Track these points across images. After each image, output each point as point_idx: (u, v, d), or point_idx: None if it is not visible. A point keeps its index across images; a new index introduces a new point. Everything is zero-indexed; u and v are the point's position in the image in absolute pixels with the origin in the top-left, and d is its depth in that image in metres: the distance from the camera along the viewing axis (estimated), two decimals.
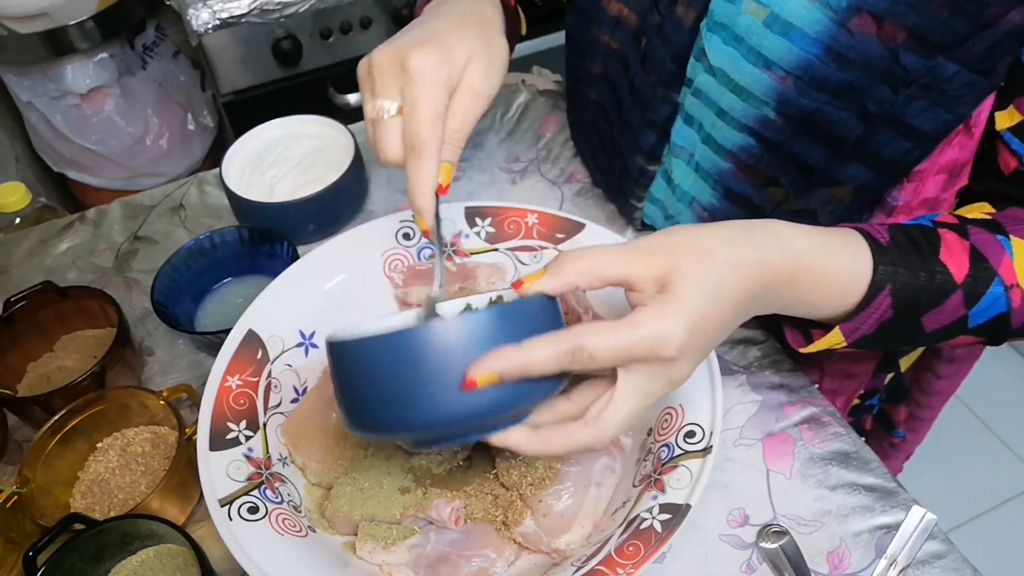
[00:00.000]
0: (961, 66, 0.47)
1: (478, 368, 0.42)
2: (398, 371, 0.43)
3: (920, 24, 0.47)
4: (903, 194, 0.55)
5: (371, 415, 0.45)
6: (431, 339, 0.43)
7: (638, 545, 0.48)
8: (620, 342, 0.42)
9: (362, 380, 0.45)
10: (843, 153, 0.54)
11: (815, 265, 0.47)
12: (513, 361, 0.42)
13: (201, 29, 1.20)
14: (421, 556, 0.53)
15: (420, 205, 0.53)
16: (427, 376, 0.43)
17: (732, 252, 0.45)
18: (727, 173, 0.62)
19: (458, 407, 0.43)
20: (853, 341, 0.51)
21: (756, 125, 0.57)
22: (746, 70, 0.55)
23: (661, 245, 0.44)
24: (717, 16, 0.56)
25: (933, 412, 0.81)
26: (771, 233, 0.47)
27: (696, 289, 0.43)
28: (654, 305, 0.43)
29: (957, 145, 0.52)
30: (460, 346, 0.43)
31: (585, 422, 0.45)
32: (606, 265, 0.44)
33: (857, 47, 0.49)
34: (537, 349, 0.43)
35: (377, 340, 0.44)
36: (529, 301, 0.45)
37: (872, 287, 0.48)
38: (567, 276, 0.45)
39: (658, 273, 0.43)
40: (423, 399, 0.43)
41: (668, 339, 0.42)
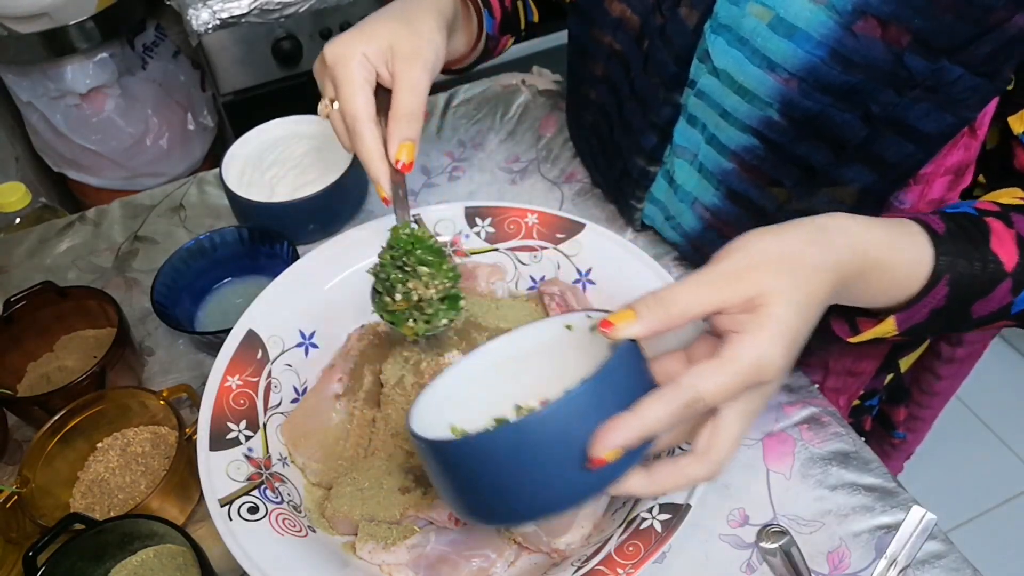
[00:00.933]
0: (965, 69, 0.47)
1: (602, 446, 0.40)
2: (516, 464, 0.41)
3: (925, 27, 0.47)
4: (909, 196, 0.55)
5: (491, 507, 0.43)
6: (544, 427, 0.40)
7: (638, 545, 0.48)
8: (730, 380, 0.41)
9: (477, 476, 0.42)
10: (847, 155, 0.54)
11: (882, 259, 0.46)
12: (634, 431, 0.40)
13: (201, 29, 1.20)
14: (421, 556, 0.53)
15: (372, 173, 0.57)
16: (547, 464, 0.41)
17: (813, 257, 0.43)
18: (731, 173, 0.62)
19: (585, 484, 0.41)
20: (904, 330, 0.51)
21: (760, 126, 0.57)
22: (750, 72, 0.55)
23: (745, 267, 0.42)
24: (721, 18, 0.56)
25: (933, 412, 0.81)
26: (843, 231, 0.45)
27: (788, 306, 0.41)
28: (750, 331, 0.41)
29: (962, 147, 0.52)
30: (574, 427, 0.40)
31: (697, 457, 0.43)
32: (696, 303, 0.42)
33: (861, 50, 0.49)
34: (653, 410, 0.40)
35: (487, 437, 0.41)
36: (621, 357, 0.42)
37: (932, 277, 0.48)
38: (659, 322, 0.42)
39: (747, 295, 0.41)
40: (548, 486, 0.41)
41: (770, 365, 0.41)
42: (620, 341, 0.43)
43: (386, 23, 0.58)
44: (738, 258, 0.43)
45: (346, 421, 0.60)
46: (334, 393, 0.60)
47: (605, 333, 0.43)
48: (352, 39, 0.56)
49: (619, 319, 0.43)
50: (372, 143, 0.56)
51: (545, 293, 0.65)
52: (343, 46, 0.56)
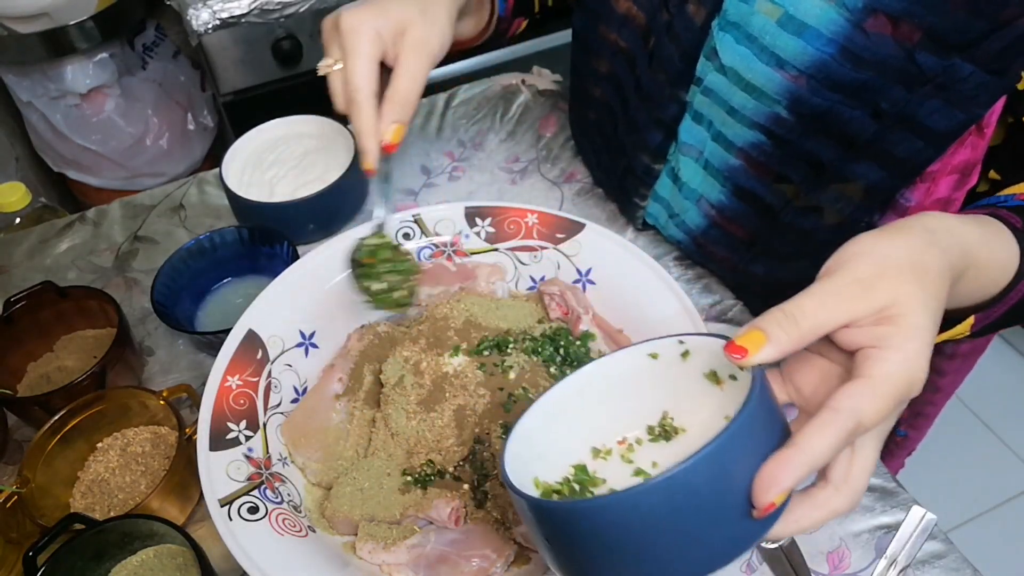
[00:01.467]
0: (976, 66, 0.47)
1: (772, 490, 0.36)
2: (666, 525, 0.36)
3: (937, 24, 0.47)
4: (915, 194, 0.55)
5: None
6: (697, 479, 0.35)
7: None
8: (887, 402, 0.38)
9: (618, 543, 0.37)
10: (855, 151, 0.54)
11: (980, 259, 0.45)
12: (803, 467, 0.36)
13: (201, 29, 1.20)
14: (421, 556, 0.53)
15: (361, 145, 0.58)
16: (702, 520, 0.36)
17: (936, 262, 0.41)
18: (737, 170, 0.62)
19: (746, 534, 0.37)
20: (978, 329, 0.49)
21: (768, 123, 0.57)
22: (759, 69, 0.55)
23: (873, 275, 0.39)
24: (730, 15, 0.55)
25: (936, 409, 0.81)
26: (949, 232, 0.43)
27: (924, 314, 0.39)
28: (896, 346, 0.38)
29: (969, 145, 0.52)
30: (732, 474, 0.36)
31: (836, 487, 0.40)
32: (831, 318, 0.39)
33: (872, 47, 0.49)
34: (817, 442, 0.36)
35: (633, 495, 0.35)
36: (762, 387, 0.38)
37: (1018, 272, 0.47)
38: (791, 343, 0.39)
39: (879, 306, 0.38)
40: (705, 544, 0.37)
41: (919, 380, 0.38)
42: (752, 368, 0.39)
43: (402, 5, 0.59)
44: (863, 266, 0.40)
45: (346, 421, 0.60)
46: (334, 393, 0.60)
47: (738, 360, 0.39)
48: (369, 14, 0.58)
49: (750, 342, 0.38)
50: (368, 118, 0.58)
51: (545, 293, 0.65)
52: (359, 19, 0.58)
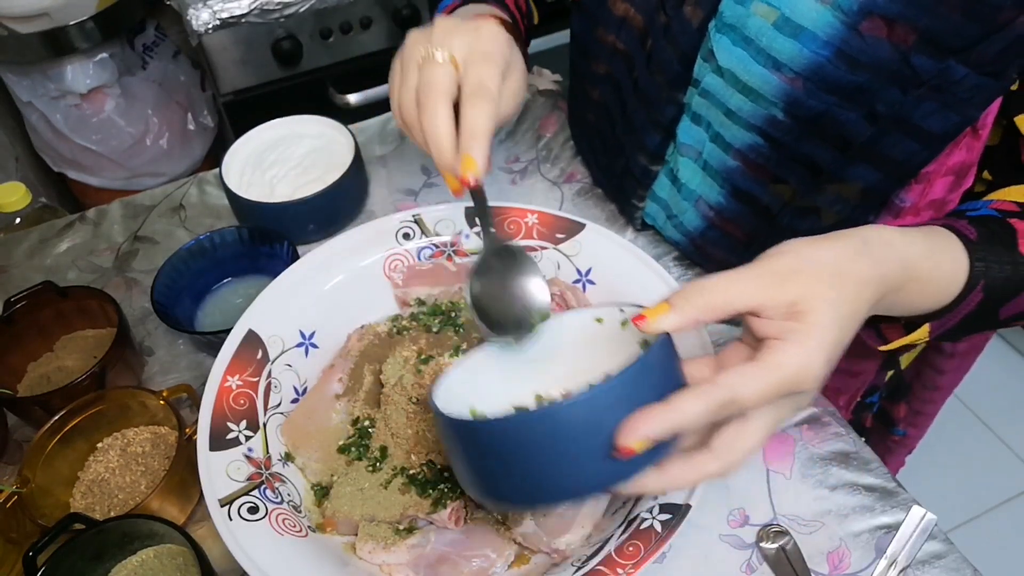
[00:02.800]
0: (971, 69, 0.47)
1: (632, 435, 0.39)
2: (543, 448, 0.41)
3: (932, 27, 0.47)
4: (910, 195, 0.55)
5: (511, 490, 0.43)
6: (575, 414, 0.40)
7: (638, 545, 0.48)
8: (770, 387, 0.40)
9: (502, 458, 0.42)
10: (851, 153, 0.54)
11: (922, 272, 0.46)
12: (665, 423, 0.40)
13: (201, 29, 1.20)
14: (421, 556, 0.53)
15: (477, 147, 0.50)
16: (574, 451, 0.41)
17: (860, 271, 0.43)
18: (735, 171, 0.62)
19: (607, 474, 0.41)
20: (937, 336, 0.51)
21: (764, 125, 0.57)
22: (755, 71, 0.55)
23: (792, 270, 0.42)
24: (727, 17, 0.55)
25: (935, 407, 0.81)
26: (887, 244, 0.45)
27: (831, 316, 0.41)
28: (795, 340, 0.40)
29: (965, 147, 0.52)
30: (604, 417, 0.40)
31: (714, 454, 0.42)
32: (738, 297, 0.41)
33: (868, 50, 0.49)
34: (688, 406, 0.40)
35: (519, 419, 0.42)
36: (656, 352, 0.42)
37: (967, 285, 0.48)
38: (695, 313, 0.42)
39: (790, 299, 0.41)
40: (571, 472, 0.41)
41: (811, 376, 0.40)
42: (654, 337, 0.42)
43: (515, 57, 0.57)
44: (786, 261, 0.42)
45: (346, 421, 0.60)
46: (334, 393, 0.61)
47: (638, 326, 0.42)
48: (505, 35, 0.55)
49: (655, 312, 0.42)
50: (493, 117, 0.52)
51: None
52: (501, 35, 0.54)
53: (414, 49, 0.53)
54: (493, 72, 0.52)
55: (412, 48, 0.53)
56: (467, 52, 0.52)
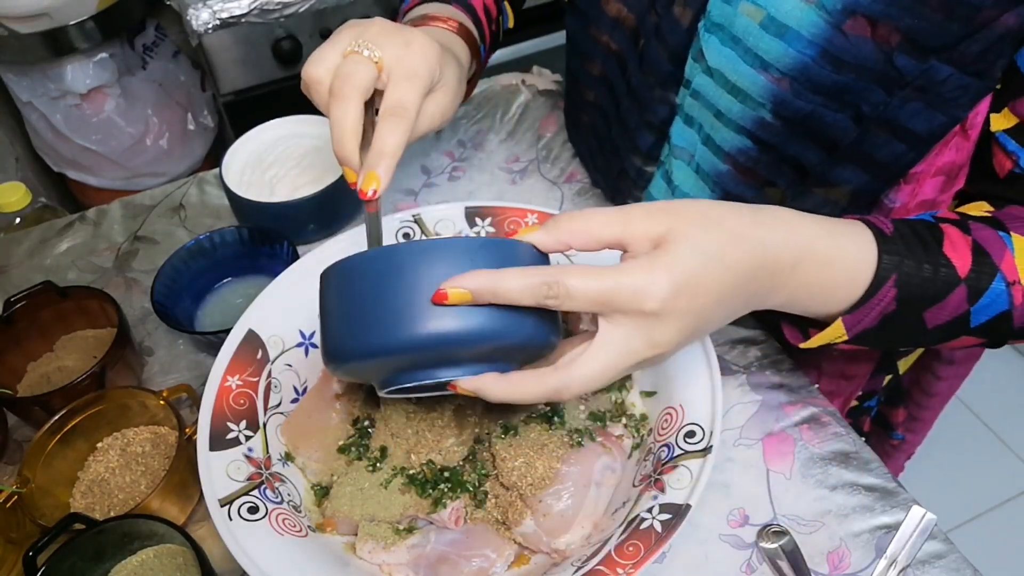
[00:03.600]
0: (955, 68, 0.47)
1: (452, 282, 0.42)
2: (378, 287, 0.43)
3: (914, 26, 0.47)
4: (900, 196, 0.55)
5: (345, 338, 0.45)
6: (413, 254, 0.43)
7: (638, 545, 0.48)
8: (601, 285, 0.41)
9: (342, 301, 0.45)
10: (838, 155, 0.54)
11: (819, 251, 0.46)
12: (485, 281, 0.42)
13: (201, 29, 1.20)
14: (421, 556, 0.53)
15: (383, 165, 0.52)
16: (404, 291, 0.43)
17: (737, 223, 0.44)
18: (725, 175, 0.62)
19: (431, 326, 0.43)
20: (855, 335, 0.50)
21: (753, 127, 0.57)
22: (743, 71, 0.55)
23: (661, 208, 0.43)
24: (715, 17, 0.56)
25: (933, 413, 0.81)
26: (776, 216, 0.46)
27: (691, 249, 0.42)
28: (644, 258, 0.42)
29: (954, 147, 0.52)
30: (441, 265, 0.43)
31: (556, 367, 0.44)
32: (603, 226, 0.43)
33: (852, 49, 0.49)
34: (512, 275, 0.42)
35: (359, 256, 0.44)
36: (519, 244, 0.45)
37: (877, 276, 0.47)
38: (562, 234, 0.44)
39: (655, 233, 0.42)
40: (397, 315, 0.43)
41: (651, 290, 0.41)
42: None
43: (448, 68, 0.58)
44: (662, 203, 0.44)
45: (346, 421, 0.60)
46: (334, 393, 0.60)
47: (511, 235, 0.45)
48: (436, 51, 0.55)
49: (526, 229, 0.45)
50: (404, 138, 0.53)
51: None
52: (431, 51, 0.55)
53: (343, 37, 0.54)
54: (414, 92, 0.53)
55: (341, 36, 0.54)
56: (394, 63, 0.53)
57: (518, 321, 0.44)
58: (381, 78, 0.53)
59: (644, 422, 0.59)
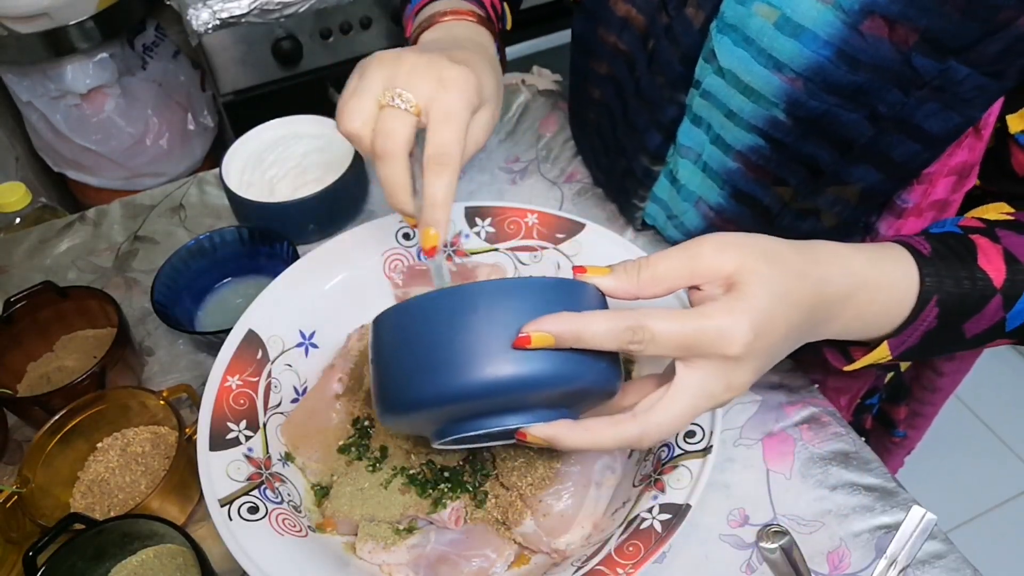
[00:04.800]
0: (972, 68, 0.47)
1: (534, 325, 0.40)
2: (450, 329, 0.41)
3: (933, 27, 0.46)
4: (912, 196, 0.55)
5: (413, 384, 0.42)
6: (491, 294, 0.41)
7: (638, 545, 0.48)
8: (685, 329, 0.40)
9: (408, 345, 0.42)
10: (852, 155, 0.54)
11: (869, 280, 0.47)
12: (570, 324, 0.40)
13: (201, 29, 1.20)
14: (421, 556, 0.53)
15: (439, 218, 0.50)
16: (479, 332, 0.41)
17: (798, 263, 0.44)
18: (735, 173, 0.62)
19: (504, 370, 0.41)
20: (899, 354, 0.51)
21: (765, 126, 0.57)
22: (756, 72, 0.55)
23: (728, 243, 0.43)
24: (728, 18, 0.55)
25: (934, 409, 0.81)
26: (828, 251, 0.46)
27: (765, 288, 0.41)
28: (723, 300, 0.41)
29: (967, 147, 0.52)
30: (517, 306, 0.41)
31: (634, 414, 0.43)
32: (671, 272, 0.43)
33: (869, 50, 0.49)
34: (597, 319, 0.41)
35: (426, 297, 0.42)
36: (587, 286, 0.44)
37: (920, 299, 0.48)
38: (631, 284, 0.43)
39: (726, 272, 0.42)
40: (474, 357, 0.41)
41: (735, 334, 0.40)
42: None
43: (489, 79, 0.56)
44: (725, 239, 0.43)
45: (346, 421, 0.60)
46: (334, 393, 0.61)
47: (575, 273, 0.44)
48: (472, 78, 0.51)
49: (594, 270, 0.44)
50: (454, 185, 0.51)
51: None
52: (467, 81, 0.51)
53: (374, 81, 0.51)
54: (455, 135, 0.50)
55: (373, 80, 0.51)
56: (430, 104, 0.50)
57: (593, 365, 0.43)
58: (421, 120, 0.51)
59: None
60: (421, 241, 0.51)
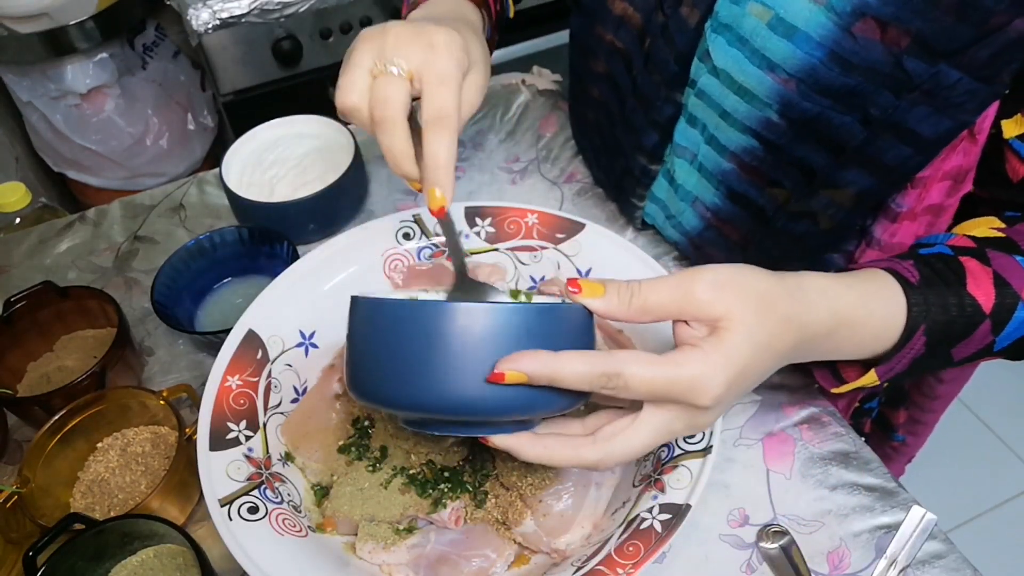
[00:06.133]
0: (964, 73, 0.47)
1: (509, 363, 0.41)
2: (427, 343, 0.42)
3: (924, 30, 0.46)
4: (907, 200, 0.55)
5: (383, 383, 0.44)
6: (471, 318, 0.41)
7: (638, 545, 0.48)
8: (659, 377, 0.41)
9: (386, 346, 0.43)
10: (845, 158, 0.54)
11: (854, 318, 0.47)
12: (546, 367, 0.41)
13: (201, 29, 1.20)
14: (421, 556, 0.53)
15: (443, 179, 0.50)
16: (455, 356, 0.41)
17: (787, 309, 0.44)
18: (730, 174, 0.62)
19: (474, 397, 0.42)
20: (887, 380, 0.51)
21: (759, 127, 0.57)
22: (750, 72, 0.55)
23: (722, 286, 0.43)
24: (722, 17, 0.55)
25: (934, 416, 0.81)
26: (820, 291, 0.47)
27: (747, 340, 0.42)
28: (702, 347, 0.42)
29: (961, 152, 0.52)
30: (497, 335, 0.41)
31: (595, 440, 0.44)
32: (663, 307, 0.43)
33: (860, 52, 0.49)
34: (573, 362, 0.41)
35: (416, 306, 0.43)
36: (574, 308, 0.44)
37: (907, 328, 0.48)
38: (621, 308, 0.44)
39: (714, 315, 0.42)
40: (443, 379, 0.42)
41: (708, 387, 0.41)
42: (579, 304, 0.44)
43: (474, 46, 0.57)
44: (719, 277, 0.43)
45: (346, 421, 0.60)
46: (334, 393, 0.61)
47: (568, 288, 0.44)
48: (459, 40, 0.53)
49: (590, 287, 0.44)
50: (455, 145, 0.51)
51: (545, 293, 0.65)
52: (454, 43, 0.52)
53: (364, 55, 0.52)
54: (451, 95, 0.51)
55: (362, 53, 0.52)
56: (422, 68, 0.51)
57: (560, 396, 0.44)
58: (414, 86, 0.52)
59: None
60: (428, 203, 0.51)
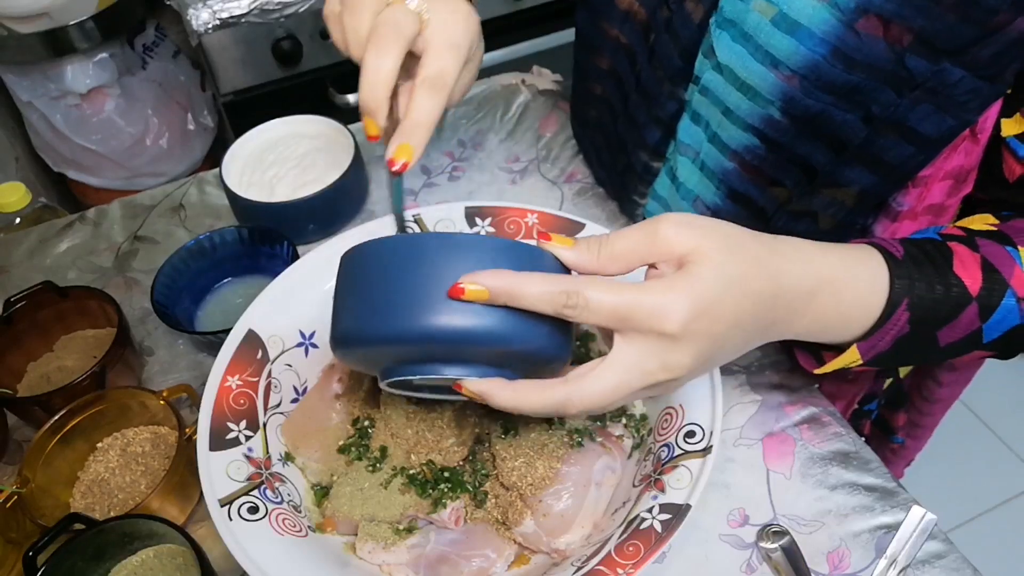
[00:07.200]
0: (967, 71, 0.47)
1: (470, 278, 0.41)
2: (396, 274, 0.43)
3: (927, 28, 0.46)
4: (908, 199, 0.55)
5: (354, 320, 0.45)
6: (438, 245, 0.43)
7: (638, 545, 0.48)
8: (620, 300, 0.41)
9: (358, 284, 0.45)
10: (847, 156, 0.54)
11: (834, 278, 0.46)
12: (505, 281, 0.41)
13: (201, 29, 1.20)
14: (421, 556, 0.53)
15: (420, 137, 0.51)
16: (421, 280, 0.42)
17: (759, 251, 0.44)
18: (731, 173, 0.62)
19: (440, 318, 0.42)
20: (869, 359, 0.50)
21: (761, 125, 0.57)
22: (753, 68, 0.55)
23: (687, 223, 0.43)
24: (727, 13, 0.55)
25: (934, 419, 0.81)
26: (796, 247, 0.46)
27: (714, 271, 0.41)
28: (669, 278, 0.42)
29: (963, 151, 0.52)
30: (464, 259, 0.42)
31: (565, 379, 0.43)
32: (631, 252, 0.43)
33: (863, 49, 0.49)
34: (534, 280, 0.41)
35: (381, 241, 0.44)
36: (545, 253, 0.45)
37: (890, 302, 0.48)
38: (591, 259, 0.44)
39: (680, 251, 0.42)
40: (410, 303, 0.42)
41: (671, 311, 0.40)
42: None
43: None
44: (685, 218, 0.43)
45: (346, 421, 0.60)
46: (334, 393, 0.61)
47: (541, 241, 0.45)
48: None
49: (559, 239, 0.45)
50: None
51: None
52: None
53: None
54: (455, 64, 0.51)
55: None
56: (439, 27, 0.51)
57: (532, 329, 0.43)
58: (418, 41, 0.51)
59: (644, 422, 0.59)
60: (395, 154, 0.51)
